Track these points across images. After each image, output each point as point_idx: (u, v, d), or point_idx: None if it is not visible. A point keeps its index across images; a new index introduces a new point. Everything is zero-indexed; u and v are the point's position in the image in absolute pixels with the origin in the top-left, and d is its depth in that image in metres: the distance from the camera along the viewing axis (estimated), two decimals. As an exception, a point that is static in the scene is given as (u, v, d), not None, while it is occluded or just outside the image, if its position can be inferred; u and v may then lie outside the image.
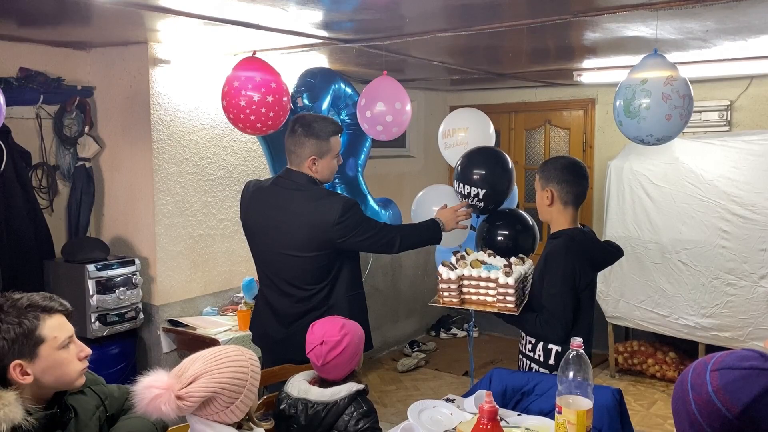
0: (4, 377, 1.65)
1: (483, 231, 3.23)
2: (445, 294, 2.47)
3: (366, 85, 3.38)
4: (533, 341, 2.53)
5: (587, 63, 4.24)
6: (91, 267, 3.33)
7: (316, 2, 2.52)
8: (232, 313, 3.79)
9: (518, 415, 2.20)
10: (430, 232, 2.85)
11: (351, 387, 2.13)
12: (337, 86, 3.72)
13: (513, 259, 2.57)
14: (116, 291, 3.41)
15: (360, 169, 3.76)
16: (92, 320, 3.33)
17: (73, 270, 3.36)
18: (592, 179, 5.47)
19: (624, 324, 5.02)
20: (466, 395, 2.37)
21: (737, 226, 4.38)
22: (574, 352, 1.84)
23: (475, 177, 3.10)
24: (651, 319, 4.80)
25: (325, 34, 3.17)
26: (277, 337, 2.76)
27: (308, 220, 2.62)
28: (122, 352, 3.53)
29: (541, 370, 2.50)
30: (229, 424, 1.80)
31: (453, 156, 3.48)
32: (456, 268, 2.47)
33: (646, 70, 2.60)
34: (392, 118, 3.25)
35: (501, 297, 2.38)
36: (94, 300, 3.33)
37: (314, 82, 3.65)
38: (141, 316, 3.57)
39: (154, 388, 1.67)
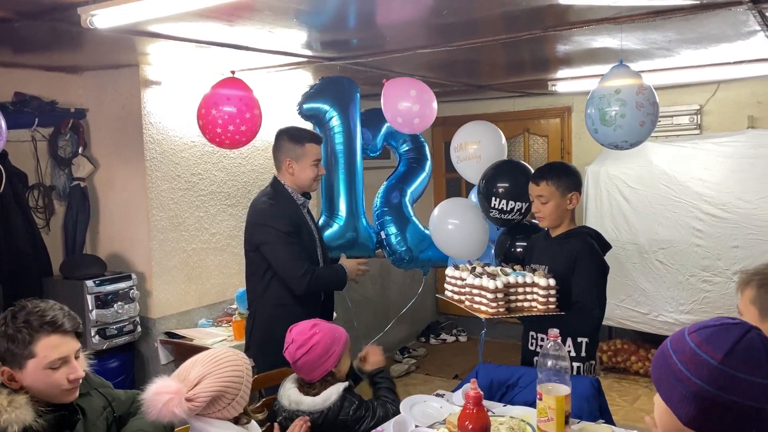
0: None
1: (505, 243, 3.26)
2: (493, 304, 2.42)
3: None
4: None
5: (561, 73, 4.43)
6: (89, 283, 3.44)
7: (301, 25, 2.67)
8: (226, 324, 3.90)
9: (504, 406, 2.34)
10: (340, 278, 3.00)
11: (339, 387, 2.27)
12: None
13: (517, 268, 2.68)
14: (114, 305, 3.52)
15: (408, 198, 3.83)
16: (92, 334, 3.43)
17: (72, 286, 3.46)
18: (572, 184, 5.65)
19: (607, 323, 5.16)
20: (454, 390, 2.51)
21: (710, 224, 4.57)
22: (552, 342, 1.99)
23: (510, 192, 3.14)
24: (632, 318, 4.96)
25: (309, 52, 3.32)
26: None
27: (251, 215, 2.95)
28: (121, 364, 3.63)
29: (575, 364, 2.58)
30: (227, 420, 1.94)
31: (466, 169, 3.53)
32: (494, 277, 2.47)
33: (614, 79, 2.78)
34: (418, 108, 3.31)
35: (544, 299, 2.46)
36: (94, 315, 3.44)
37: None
38: (139, 329, 3.67)
39: (165, 394, 1.78)
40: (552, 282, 2.44)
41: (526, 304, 2.50)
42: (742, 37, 3.12)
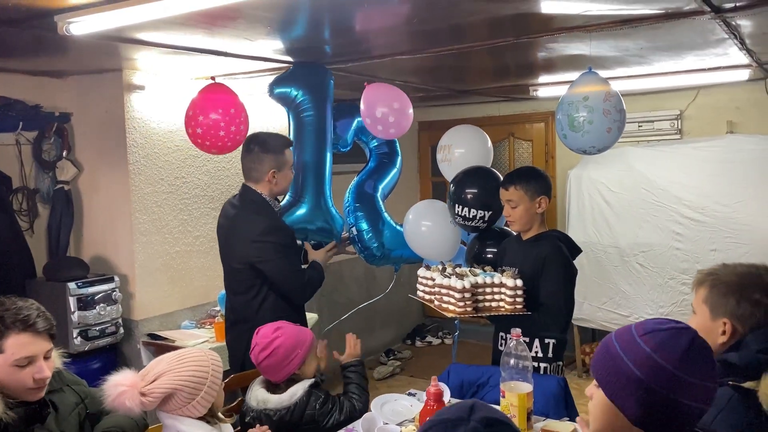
0: None
1: (474, 247, 3.30)
2: (461, 304, 2.49)
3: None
4: (527, 339, 2.67)
5: (542, 79, 4.49)
6: (72, 285, 3.48)
7: (275, 33, 2.73)
8: (209, 326, 3.95)
9: (473, 404, 2.39)
10: (322, 275, 3.04)
11: (305, 384, 2.32)
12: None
13: (487, 269, 2.74)
14: (96, 307, 3.56)
15: (380, 192, 3.80)
16: (74, 336, 3.47)
17: (55, 288, 3.50)
18: (555, 188, 5.71)
19: (589, 326, 5.24)
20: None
21: (689, 228, 4.63)
22: (513, 342, 2.05)
23: (474, 199, 3.15)
24: (613, 320, 5.02)
25: (290, 58, 3.37)
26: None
27: (240, 232, 2.86)
28: (103, 366, 3.66)
29: (542, 365, 2.63)
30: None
31: (450, 171, 3.54)
32: (462, 278, 2.54)
33: (583, 86, 2.84)
34: (394, 119, 3.34)
35: (511, 300, 2.51)
36: (75, 316, 3.47)
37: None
38: (121, 330, 3.71)
39: (120, 386, 1.86)
40: (519, 283, 2.49)
41: (494, 304, 2.56)
42: (712, 45, 3.19)
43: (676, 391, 1.25)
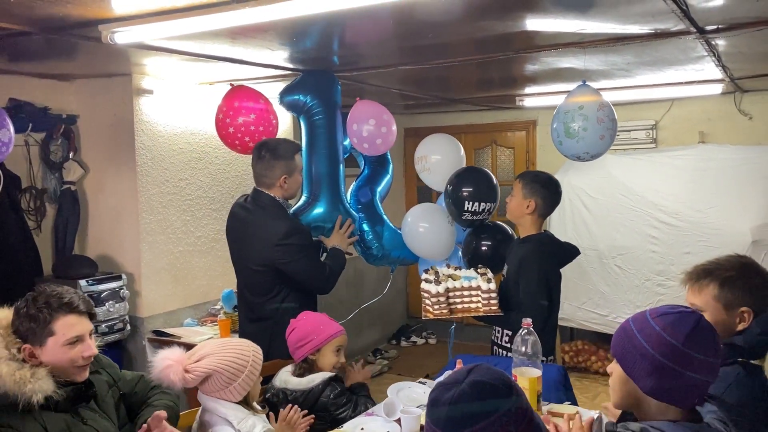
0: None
1: (472, 243, 3.47)
2: (435, 307, 2.73)
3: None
4: (510, 333, 2.88)
5: (528, 89, 4.73)
6: (83, 282, 3.58)
7: (296, 43, 2.90)
8: (211, 324, 4.07)
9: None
10: (341, 259, 3.21)
11: (324, 375, 2.50)
12: None
13: (480, 269, 2.95)
14: (105, 304, 3.66)
15: (378, 196, 3.94)
16: (84, 332, 3.56)
17: (66, 285, 3.59)
18: (536, 194, 5.96)
19: (569, 325, 5.47)
20: (436, 377, 2.74)
21: (664, 232, 4.88)
22: (525, 330, 2.25)
23: (477, 194, 3.31)
24: (593, 320, 5.26)
25: (291, 65, 3.52)
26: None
27: (260, 236, 2.98)
28: (110, 362, 3.76)
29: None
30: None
31: (428, 178, 3.75)
32: (440, 283, 2.78)
33: (578, 96, 3.07)
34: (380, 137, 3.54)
35: (486, 301, 2.73)
36: (86, 313, 3.57)
37: None
38: (128, 327, 3.82)
39: (167, 359, 2.04)
40: (492, 286, 2.73)
41: (472, 305, 2.79)
42: (692, 61, 3.46)
43: (682, 365, 1.45)
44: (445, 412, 1.31)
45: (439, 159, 3.68)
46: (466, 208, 3.33)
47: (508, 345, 2.92)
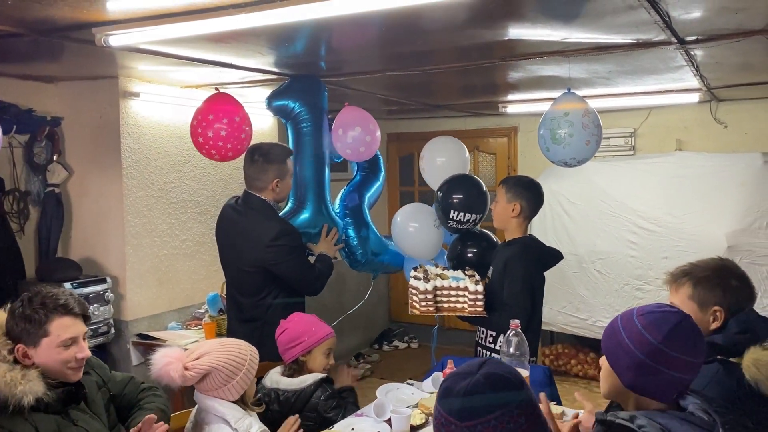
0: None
1: (456, 248, 3.53)
2: (422, 304, 2.78)
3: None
4: (494, 334, 2.95)
5: (511, 96, 4.81)
6: (67, 285, 3.55)
7: (286, 47, 2.93)
8: (195, 328, 4.07)
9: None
10: (328, 264, 3.25)
11: (316, 376, 2.52)
12: None
13: (468, 271, 3.00)
14: (90, 308, 3.63)
15: (367, 202, 3.99)
16: (68, 335, 3.54)
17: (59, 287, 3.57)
18: (518, 199, 6.05)
19: (549, 329, 5.53)
20: (423, 379, 2.78)
21: (643, 237, 4.97)
22: (513, 331, 2.30)
23: (463, 204, 3.37)
24: (572, 323, 5.34)
25: (278, 70, 3.54)
26: None
27: (251, 237, 3.01)
28: (94, 365, 3.74)
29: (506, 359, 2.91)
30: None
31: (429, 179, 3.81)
32: (429, 281, 2.82)
33: (564, 104, 3.14)
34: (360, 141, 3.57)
35: (472, 302, 2.78)
36: (69, 316, 3.55)
37: None
38: (112, 330, 3.80)
39: (167, 357, 2.05)
40: (480, 288, 2.77)
41: (458, 305, 2.83)
42: (671, 70, 3.55)
43: (661, 362, 1.51)
44: (459, 402, 1.35)
45: (443, 161, 3.75)
46: (451, 216, 3.39)
47: (492, 346, 2.97)
